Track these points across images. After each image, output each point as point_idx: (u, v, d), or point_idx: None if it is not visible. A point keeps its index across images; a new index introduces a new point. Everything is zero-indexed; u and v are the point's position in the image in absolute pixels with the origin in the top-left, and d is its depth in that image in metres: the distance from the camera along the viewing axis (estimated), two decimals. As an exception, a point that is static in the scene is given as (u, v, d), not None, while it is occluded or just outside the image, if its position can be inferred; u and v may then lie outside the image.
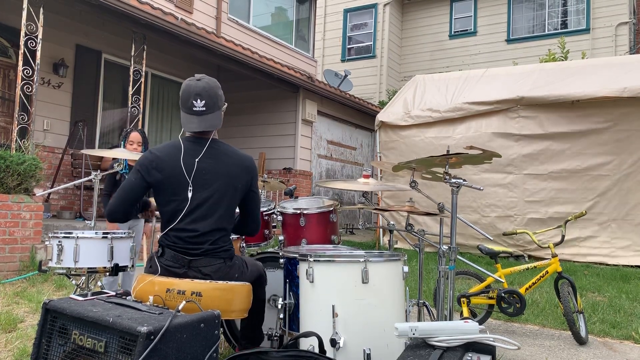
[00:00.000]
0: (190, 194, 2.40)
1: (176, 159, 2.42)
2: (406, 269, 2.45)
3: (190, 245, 2.39)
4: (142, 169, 2.43)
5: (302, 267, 2.43)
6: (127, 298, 2.22)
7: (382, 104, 13.34)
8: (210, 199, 2.41)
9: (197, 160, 2.43)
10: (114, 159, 4.13)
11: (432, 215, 2.86)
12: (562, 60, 10.88)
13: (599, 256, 7.14)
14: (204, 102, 2.42)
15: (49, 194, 7.56)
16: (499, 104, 7.74)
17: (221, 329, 2.60)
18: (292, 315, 2.72)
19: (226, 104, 2.64)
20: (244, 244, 3.34)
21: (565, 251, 7.16)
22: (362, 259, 2.30)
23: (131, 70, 7.42)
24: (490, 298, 3.90)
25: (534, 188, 7.56)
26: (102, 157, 7.74)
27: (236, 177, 2.46)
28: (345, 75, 12.76)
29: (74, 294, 2.41)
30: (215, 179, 2.42)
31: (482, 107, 7.83)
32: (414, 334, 1.94)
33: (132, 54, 7.46)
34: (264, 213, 3.47)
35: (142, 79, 7.52)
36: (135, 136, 4.23)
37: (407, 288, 2.65)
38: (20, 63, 6.09)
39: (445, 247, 2.79)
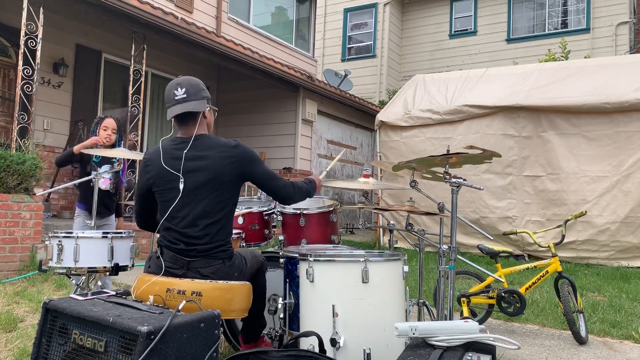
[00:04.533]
0: (180, 187, 2.41)
1: (161, 158, 2.47)
2: (406, 268, 2.45)
3: (187, 245, 2.40)
4: (140, 174, 2.57)
5: (302, 267, 2.43)
6: (127, 298, 2.23)
7: (382, 104, 13.34)
8: (199, 195, 2.41)
9: (182, 159, 2.44)
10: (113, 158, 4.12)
11: (432, 215, 2.86)
12: (563, 60, 10.88)
13: (598, 259, 7.12)
14: (184, 89, 2.46)
15: (49, 193, 7.56)
16: (497, 109, 7.74)
17: (221, 328, 2.60)
18: (292, 315, 2.72)
19: (216, 108, 2.70)
20: (244, 244, 3.34)
21: (564, 254, 7.14)
22: (362, 259, 2.30)
23: (131, 70, 7.42)
24: (490, 298, 3.90)
25: (533, 189, 7.55)
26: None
27: (220, 169, 2.42)
28: (345, 75, 12.76)
29: (74, 293, 2.41)
30: (201, 175, 2.41)
31: (481, 111, 7.84)
32: (414, 334, 1.94)
33: (132, 53, 7.46)
34: (264, 213, 3.47)
35: (142, 79, 7.51)
36: (110, 122, 4.06)
37: (407, 288, 2.65)
38: (20, 63, 6.09)
39: (445, 246, 2.79)
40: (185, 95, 2.45)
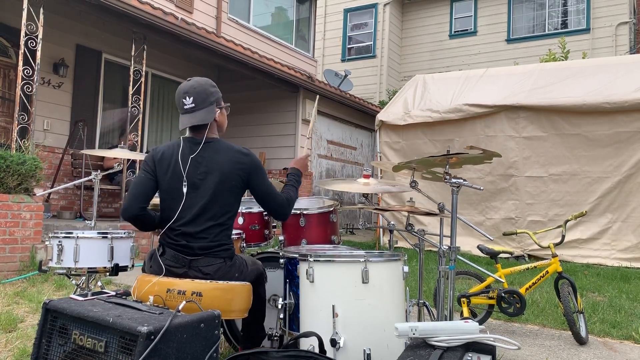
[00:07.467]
0: (185, 190, 2.43)
1: (173, 156, 2.48)
2: (406, 268, 2.45)
3: (189, 243, 2.40)
4: (146, 165, 2.52)
5: (302, 267, 2.43)
6: (127, 298, 2.22)
7: (382, 104, 13.34)
8: (206, 197, 2.43)
9: (191, 158, 2.46)
10: (114, 158, 4.12)
11: (433, 215, 2.86)
12: (563, 60, 10.88)
13: (599, 258, 7.12)
14: (191, 98, 2.48)
15: (49, 193, 7.56)
16: (498, 108, 7.74)
17: (221, 329, 2.59)
18: (292, 315, 2.72)
19: (229, 104, 2.71)
20: (244, 244, 3.34)
21: (565, 253, 7.14)
22: (362, 259, 2.30)
23: (131, 70, 7.42)
24: (491, 298, 3.90)
25: (534, 190, 7.55)
26: (104, 157, 7.74)
27: (229, 174, 2.45)
28: (346, 75, 12.76)
29: (74, 293, 2.41)
30: (210, 177, 2.44)
31: (481, 110, 7.84)
32: (414, 334, 1.94)
33: (132, 54, 7.46)
34: (264, 213, 3.47)
35: (142, 79, 7.51)
36: None
37: (407, 288, 2.65)
38: (21, 63, 6.09)
39: (445, 246, 2.78)
40: (193, 105, 2.47)
